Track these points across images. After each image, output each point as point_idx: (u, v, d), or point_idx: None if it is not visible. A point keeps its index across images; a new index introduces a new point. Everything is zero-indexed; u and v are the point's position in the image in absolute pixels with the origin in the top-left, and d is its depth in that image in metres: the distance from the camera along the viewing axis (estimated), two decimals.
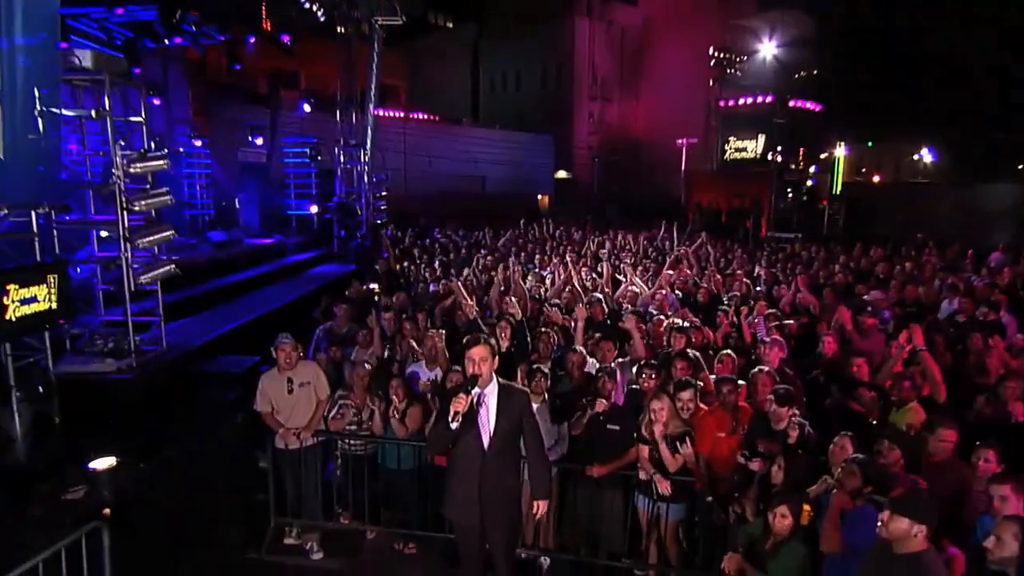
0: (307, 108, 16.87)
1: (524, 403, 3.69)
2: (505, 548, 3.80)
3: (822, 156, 27.57)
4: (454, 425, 3.44)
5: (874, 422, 4.83)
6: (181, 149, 12.94)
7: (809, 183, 26.58)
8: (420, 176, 26.76)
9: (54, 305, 5.34)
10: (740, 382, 5.01)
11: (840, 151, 26.22)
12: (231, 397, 6.47)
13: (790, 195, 25.11)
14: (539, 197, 34.90)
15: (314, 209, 15.39)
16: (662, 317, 6.89)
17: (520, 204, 27.45)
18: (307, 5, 13.22)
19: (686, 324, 6.38)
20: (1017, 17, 24.71)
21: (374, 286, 8.41)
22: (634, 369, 5.42)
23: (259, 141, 15.32)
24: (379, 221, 15.56)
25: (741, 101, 26.46)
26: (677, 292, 8.58)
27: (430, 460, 5.08)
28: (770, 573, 3.59)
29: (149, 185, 6.25)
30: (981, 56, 26.63)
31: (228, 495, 5.32)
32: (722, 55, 27.01)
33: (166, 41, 10.12)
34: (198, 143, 13.43)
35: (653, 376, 5.09)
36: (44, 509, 4.55)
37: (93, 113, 5.71)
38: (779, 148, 25.14)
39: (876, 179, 31.38)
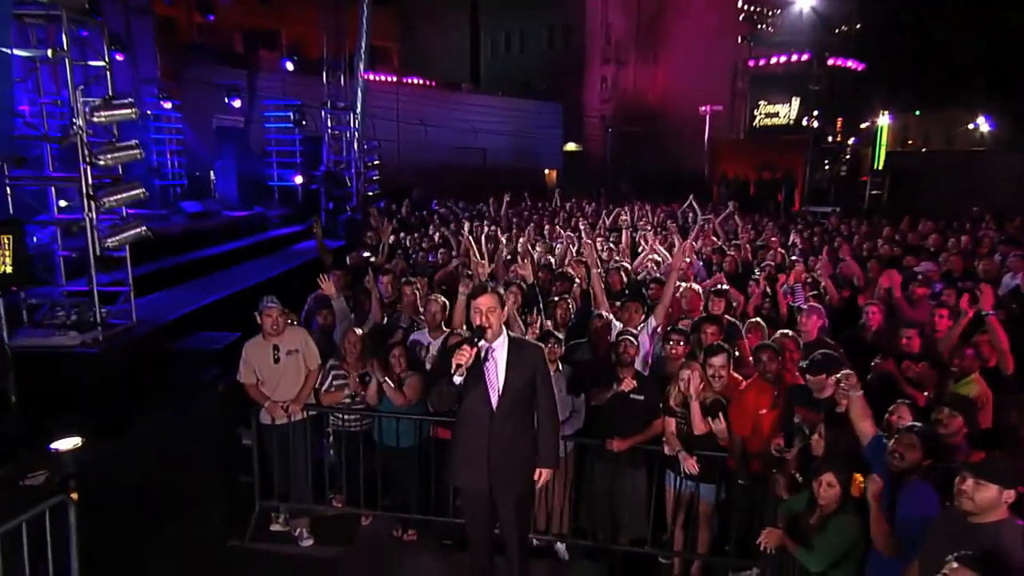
0: (290, 66, 16.78)
1: (538, 358, 3.67)
2: (516, 521, 3.79)
3: (863, 126, 27.24)
4: (457, 379, 3.41)
5: (927, 394, 4.78)
6: (149, 112, 12.89)
7: (847, 157, 26.28)
8: (415, 147, 26.61)
9: (8, 269, 5.31)
10: None
11: (884, 120, 25.90)
12: (210, 375, 6.44)
13: (827, 167, 24.86)
14: (546, 172, 34.73)
15: (299, 180, 15.34)
16: (683, 285, 6.84)
17: (525, 179, 27.31)
18: None
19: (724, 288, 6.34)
20: None
21: (368, 254, 8.42)
22: (656, 327, 5.36)
23: (236, 103, 15.26)
24: (370, 193, 15.49)
25: (773, 60, 26.06)
26: (702, 261, 8.56)
27: (432, 434, 5.10)
28: (816, 550, 3.55)
29: (115, 137, 6.19)
30: None
31: (208, 476, 5.30)
32: (752, 8, 26.56)
33: None
34: (168, 105, 13.37)
35: (681, 342, 5.05)
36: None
37: (49, 53, 5.63)
38: (815, 112, 24.76)
39: (924, 151, 31.08)
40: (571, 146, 36.26)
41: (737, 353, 5.04)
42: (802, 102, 25.73)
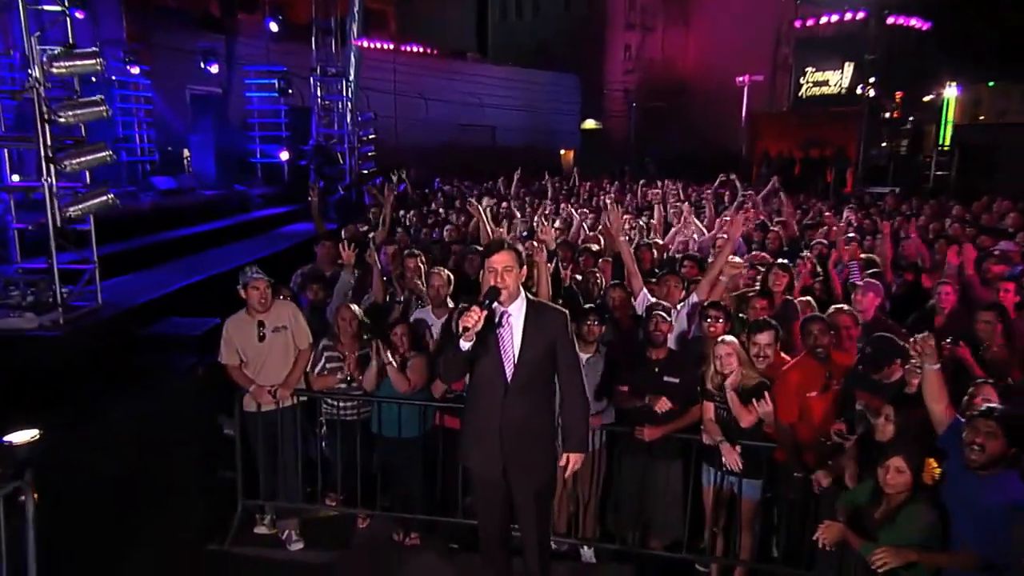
0: (274, 27, 16.84)
1: (560, 325, 3.63)
2: (535, 516, 3.75)
3: (926, 99, 26.86)
4: (465, 344, 3.38)
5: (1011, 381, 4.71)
6: (114, 78, 12.93)
7: (907, 128, 25.98)
8: (414, 124, 26.69)
9: None
10: None
11: (951, 91, 25.50)
12: (186, 364, 6.46)
13: (884, 142, 24.58)
14: (562, 152, 34.73)
15: (284, 155, 15.40)
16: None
17: (538, 160, 27.26)
18: None
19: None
20: None
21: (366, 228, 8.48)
22: (699, 303, 5.33)
23: (214, 69, 15.32)
24: (365, 171, 15.53)
25: (823, 20, 25.70)
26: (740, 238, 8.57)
27: (439, 423, 5.09)
28: (883, 544, 3.47)
29: (76, 93, 6.19)
30: None
31: (184, 471, 5.30)
32: None
33: None
34: (135, 71, 13.44)
35: (721, 319, 5.02)
36: None
37: None
38: (871, 80, 24.51)
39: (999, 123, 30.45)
40: (590, 123, 36.17)
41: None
42: (856, 68, 25.39)
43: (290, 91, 15.71)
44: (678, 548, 4.85)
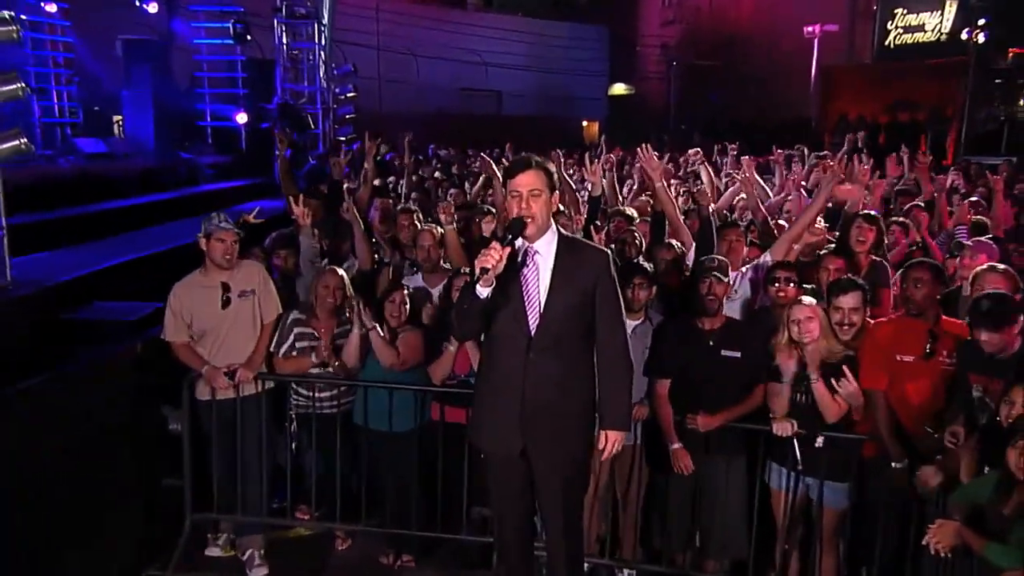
0: None
1: (600, 267, 3.63)
2: (563, 511, 3.73)
3: None
4: (484, 292, 3.37)
5: None
6: (24, 17, 12.93)
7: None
8: (401, 87, 26.83)
9: None
10: None
11: None
12: (116, 352, 6.48)
13: (998, 102, 24.46)
14: (584, 124, 34.83)
15: (242, 118, 15.43)
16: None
17: (554, 133, 27.37)
18: None
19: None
20: None
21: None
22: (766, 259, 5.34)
23: (152, 7, 15.37)
24: (342, 137, 15.57)
25: None
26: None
27: (438, 414, 5.09)
28: (1016, 544, 3.43)
29: None
30: None
31: (117, 479, 5.29)
32: None
33: None
34: (52, 8, 13.46)
35: (792, 283, 5.06)
36: None
37: None
38: (981, 23, 24.04)
39: None
40: (619, 88, 36.33)
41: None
42: (960, 8, 25.31)
43: (248, 38, 15.75)
44: (742, 571, 4.84)
